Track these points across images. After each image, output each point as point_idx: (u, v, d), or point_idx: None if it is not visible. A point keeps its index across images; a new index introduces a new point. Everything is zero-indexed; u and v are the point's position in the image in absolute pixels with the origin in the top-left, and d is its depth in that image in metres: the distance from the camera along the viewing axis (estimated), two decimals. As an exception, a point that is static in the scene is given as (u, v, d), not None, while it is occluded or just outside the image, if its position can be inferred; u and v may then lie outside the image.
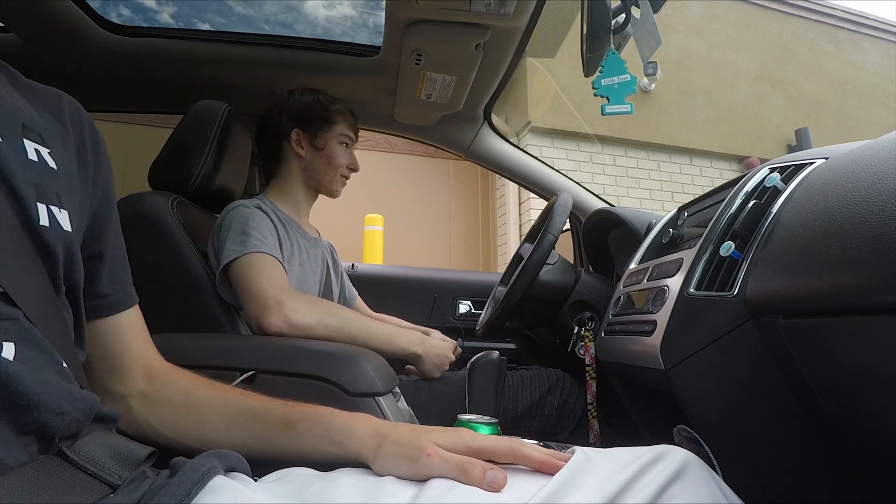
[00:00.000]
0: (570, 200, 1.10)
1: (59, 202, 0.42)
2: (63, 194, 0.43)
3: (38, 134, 0.43)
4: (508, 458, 0.41)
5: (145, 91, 1.42)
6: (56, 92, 0.50)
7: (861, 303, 0.42)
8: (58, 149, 0.45)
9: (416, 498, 0.37)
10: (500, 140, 1.61)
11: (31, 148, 0.42)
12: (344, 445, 0.46)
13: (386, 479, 0.40)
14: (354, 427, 0.46)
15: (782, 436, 0.59)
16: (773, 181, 0.65)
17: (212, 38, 1.32)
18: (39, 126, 0.44)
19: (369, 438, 0.45)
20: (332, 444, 0.46)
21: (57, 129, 0.47)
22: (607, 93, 1.06)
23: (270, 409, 0.51)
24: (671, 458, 0.38)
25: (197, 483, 0.37)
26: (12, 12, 1.13)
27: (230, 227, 0.99)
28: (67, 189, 0.44)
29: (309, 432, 0.48)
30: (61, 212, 0.42)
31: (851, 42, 5.79)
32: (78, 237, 0.45)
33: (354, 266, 1.71)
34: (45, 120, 0.46)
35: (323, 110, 1.16)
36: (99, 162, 0.51)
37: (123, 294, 0.54)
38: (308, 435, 0.48)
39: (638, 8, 1.05)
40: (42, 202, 0.40)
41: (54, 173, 0.43)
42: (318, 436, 0.47)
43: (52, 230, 0.40)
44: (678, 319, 0.69)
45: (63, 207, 0.43)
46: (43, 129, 0.45)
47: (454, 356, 1.11)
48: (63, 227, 0.42)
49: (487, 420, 0.62)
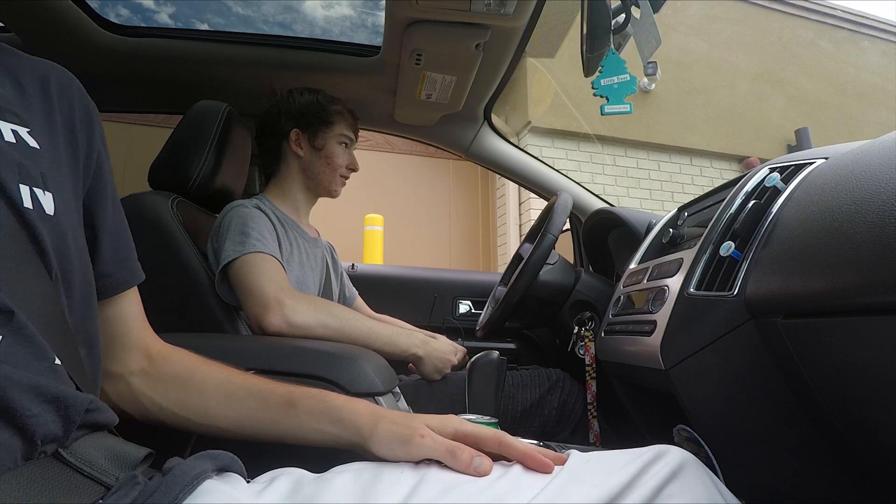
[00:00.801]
0: (570, 200, 1.10)
1: (44, 183, 0.41)
2: (48, 174, 0.42)
3: (14, 114, 0.42)
4: (493, 446, 0.43)
5: (145, 91, 1.42)
6: (46, 64, 0.49)
7: (861, 303, 0.42)
8: (40, 126, 0.44)
9: (410, 498, 0.37)
10: (500, 140, 1.61)
11: (8, 129, 0.41)
12: (343, 424, 0.47)
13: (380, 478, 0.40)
14: (354, 407, 0.48)
15: (782, 436, 0.59)
16: (773, 181, 0.65)
17: (212, 38, 1.32)
18: (17, 105, 0.43)
19: (366, 418, 0.46)
20: (331, 422, 0.47)
21: (40, 105, 0.46)
22: (607, 93, 1.06)
23: (272, 388, 0.51)
24: (668, 457, 0.38)
25: (185, 487, 0.37)
26: (12, 12, 1.13)
27: (229, 227, 0.98)
28: (53, 168, 0.43)
29: (308, 410, 0.49)
30: (45, 194, 0.41)
31: (851, 42, 5.79)
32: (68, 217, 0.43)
33: (354, 266, 1.71)
34: (25, 97, 0.44)
35: (322, 110, 1.15)
36: (91, 134, 0.49)
37: (129, 272, 0.53)
38: (308, 413, 0.49)
39: (638, 8, 1.05)
40: (25, 184, 0.39)
41: (36, 153, 0.42)
42: (318, 414, 0.48)
43: (35, 213, 0.39)
44: (678, 319, 0.69)
45: (48, 189, 0.41)
46: (21, 108, 0.43)
47: (457, 360, 1.11)
48: (45, 210, 0.40)
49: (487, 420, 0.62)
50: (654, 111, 4.92)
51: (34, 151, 0.42)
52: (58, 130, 0.46)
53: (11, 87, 0.44)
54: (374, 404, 0.49)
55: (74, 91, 0.50)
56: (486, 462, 0.40)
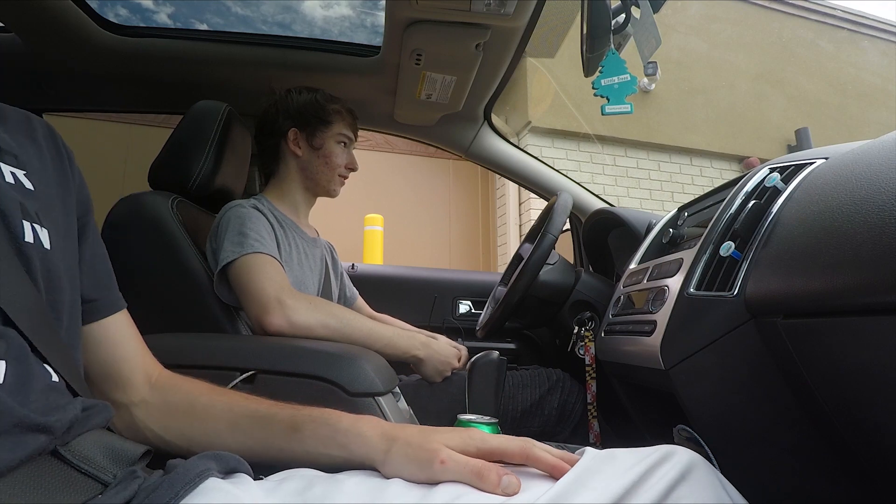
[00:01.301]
0: (570, 200, 1.10)
1: (40, 221, 0.43)
2: (42, 214, 0.43)
3: (13, 156, 0.44)
4: (520, 459, 0.41)
5: (145, 91, 1.41)
6: (24, 114, 0.50)
7: (861, 303, 0.42)
8: (34, 169, 0.46)
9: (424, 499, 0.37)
10: (500, 140, 1.61)
11: (8, 171, 0.42)
12: (350, 449, 0.45)
13: (392, 481, 0.40)
14: (361, 429, 0.45)
15: (782, 436, 0.59)
16: (773, 181, 0.65)
17: (212, 38, 1.32)
18: (14, 149, 0.45)
19: (377, 441, 0.44)
20: (338, 447, 0.46)
21: (32, 149, 0.47)
22: (607, 93, 1.06)
23: (275, 413, 0.50)
24: (676, 458, 0.38)
25: (188, 484, 0.37)
26: (12, 12, 1.13)
27: (227, 227, 0.98)
28: (46, 208, 0.45)
29: (314, 435, 0.47)
30: (42, 230, 0.43)
31: (851, 42, 5.79)
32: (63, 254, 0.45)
33: (354, 266, 1.71)
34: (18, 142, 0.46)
35: (320, 110, 1.15)
36: (74, 174, 0.51)
37: (110, 299, 0.54)
38: (313, 438, 0.47)
39: (638, 8, 1.05)
40: (27, 220, 0.41)
41: (32, 194, 0.43)
42: (323, 439, 0.47)
43: (34, 247, 0.41)
44: (678, 319, 0.69)
45: (43, 226, 0.43)
46: (18, 152, 0.45)
47: (458, 364, 1.11)
48: (43, 244, 0.42)
49: (487, 420, 0.62)
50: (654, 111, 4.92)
51: (30, 192, 0.43)
52: (50, 173, 0.48)
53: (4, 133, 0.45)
54: (384, 422, 0.46)
55: (56, 136, 0.52)
56: (514, 481, 0.37)
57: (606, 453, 0.41)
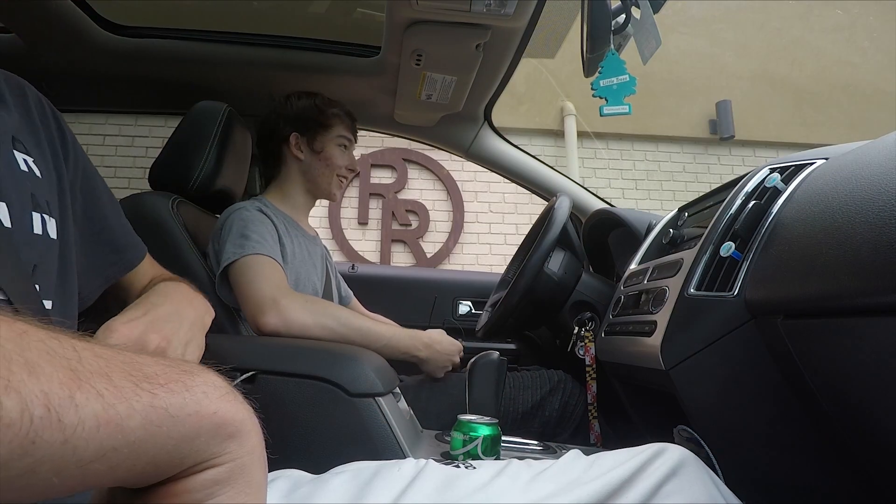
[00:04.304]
0: (568, 201, 1.11)
1: (49, 210, 0.44)
2: (51, 201, 0.44)
3: (22, 143, 0.44)
4: None
5: (145, 91, 1.41)
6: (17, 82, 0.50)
7: (860, 303, 0.42)
8: (36, 152, 0.46)
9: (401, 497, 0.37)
10: (501, 140, 1.61)
11: (21, 159, 0.42)
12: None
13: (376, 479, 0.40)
14: None
15: (782, 436, 0.59)
16: (773, 181, 0.65)
17: (212, 39, 1.32)
18: (24, 134, 0.45)
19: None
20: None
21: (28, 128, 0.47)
22: (606, 94, 1.06)
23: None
24: (667, 455, 0.38)
25: None
26: (12, 12, 1.13)
27: (230, 229, 0.99)
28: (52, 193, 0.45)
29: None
30: (50, 220, 0.43)
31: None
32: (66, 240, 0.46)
33: (355, 267, 1.71)
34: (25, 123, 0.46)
35: (319, 114, 1.16)
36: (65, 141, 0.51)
37: (138, 245, 0.60)
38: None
39: (638, 9, 1.05)
40: (36, 211, 0.42)
41: (40, 182, 0.44)
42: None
43: (42, 239, 0.42)
44: (678, 320, 0.69)
45: (52, 216, 0.44)
46: (25, 137, 0.45)
47: (458, 359, 1.11)
48: (50, 235, 0.43)
49: (488, 420, 0.62)
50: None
51: (39, 180, 0.44)
52: (47, 152, 0.48)
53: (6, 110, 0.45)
54: None
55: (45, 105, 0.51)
56: None
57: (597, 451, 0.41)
